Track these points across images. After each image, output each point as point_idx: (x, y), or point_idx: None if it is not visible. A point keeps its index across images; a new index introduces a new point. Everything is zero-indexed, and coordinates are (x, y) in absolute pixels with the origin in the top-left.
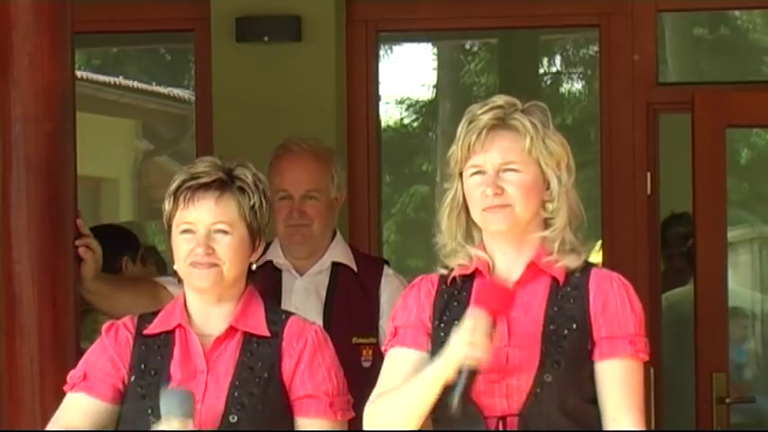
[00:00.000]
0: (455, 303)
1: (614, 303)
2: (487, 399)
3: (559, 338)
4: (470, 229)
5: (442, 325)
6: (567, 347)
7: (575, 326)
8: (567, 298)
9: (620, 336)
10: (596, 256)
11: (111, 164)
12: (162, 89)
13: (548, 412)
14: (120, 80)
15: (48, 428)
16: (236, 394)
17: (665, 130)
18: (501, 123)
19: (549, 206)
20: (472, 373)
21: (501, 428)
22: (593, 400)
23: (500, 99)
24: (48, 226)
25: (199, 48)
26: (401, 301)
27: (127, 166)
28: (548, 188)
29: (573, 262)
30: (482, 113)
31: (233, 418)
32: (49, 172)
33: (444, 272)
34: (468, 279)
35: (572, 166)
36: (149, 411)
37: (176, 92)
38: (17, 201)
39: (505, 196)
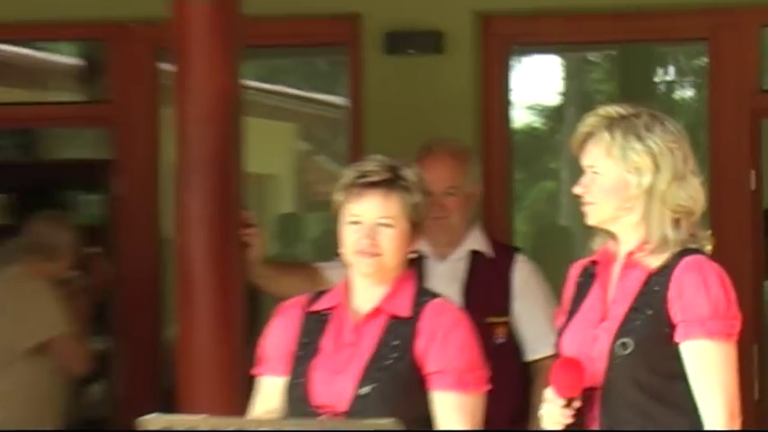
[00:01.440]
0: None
1: (690, 289)
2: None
3: (634, 322)
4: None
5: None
6: (640, 330)
7: (650, 311)
8: (654, 285)
9: (693, 319)
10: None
11: (273, 162)
12: (318, 96)
13: (622, 386)
14: (282, 88)
15: (249, 412)
16: (370, 368)
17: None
18: (590, 133)
19: (628, 204)
20: None
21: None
22: (677, 376)
23: (604, 110)
24: (218, 217)
25: (352, 59)
26: None
27: (287, 164)
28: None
29: (660, 254)
30: (581, 124)
31: (364, 390)
32: (219, 168)
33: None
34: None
35: (663, 169)
36: (299, 380)
37: (331, 98)
38: (191, 194)
39: (587, 194)
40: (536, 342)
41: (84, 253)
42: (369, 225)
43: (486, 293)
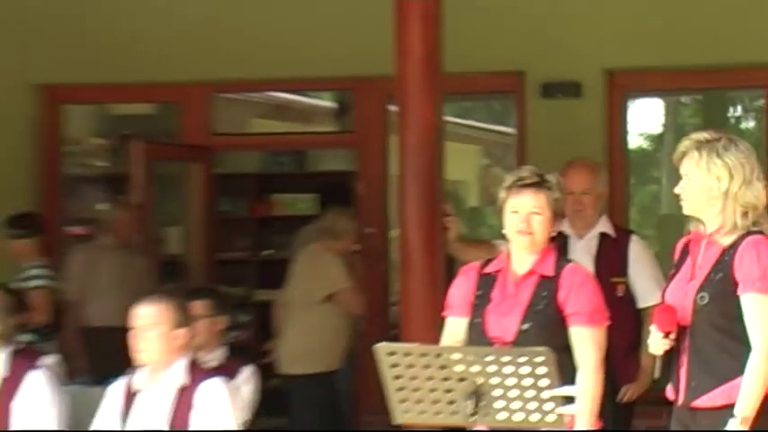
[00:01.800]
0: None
1: (746, 257)
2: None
3: (711, 282)
4: None
5: None
6: (714, 287)
7: (721, 274)
8: (725, 256)
9: (747, 279)
10: None
11: (464, 172)
12: (495, 127)
13: (703, 325)
14: (470, 122)
15: (441, 344)
16: (528, 311)
17: None
18: (685, 152)
19: (711, 202)
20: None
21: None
22: (740, 319)
23: (695, 135)
24: (427, 210)
25: (518, 102)
26: None
27: (473, 173)
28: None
29: (731, 235)
30: (679, 145)
31: (525, 326)
32: (428, 177)
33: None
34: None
35: (735, 177)
36: (477, 320)
37: (504, 129)
38: (410, 195)
39: (683, 194)
40: (644, 295)
41: (363, 232)
42: (524, 214)
43: (611, 262)
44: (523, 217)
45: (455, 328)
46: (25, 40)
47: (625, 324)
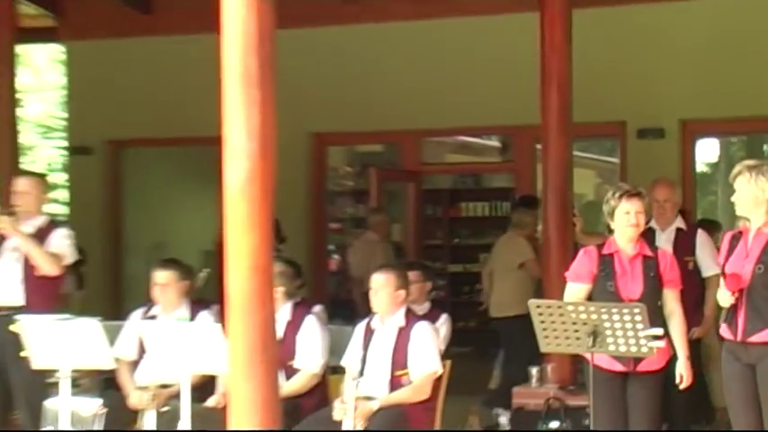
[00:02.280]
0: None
1: None
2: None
3: (763, 257)
4: None
5: None
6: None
7: None
8: None
9: None
10: None
11: (584, 188)
12: (605, 158)
13: (758, 288)
14: (588, 155)
15: (565, 300)
16: (647, 280)
17: None
18: (739, 172)
19: (758, 207)
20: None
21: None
22: None
23: (746, 162)
24: (562, 213)
25: (621, 142)
26: None
27: (591, 189)
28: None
29: None
30: (735, 168)
31: (647, 289)
32: (562, 191)
33: None
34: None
35: None
36: (608, 287)
37: (611, 159)
38: (550, 203)
39: (737, 201)
40: (707, 269)
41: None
42: (633, 213)
43: (684, 247)
44: (633, 216)
45: (577, 289)
46: (304, 100)
47: (694, 288)
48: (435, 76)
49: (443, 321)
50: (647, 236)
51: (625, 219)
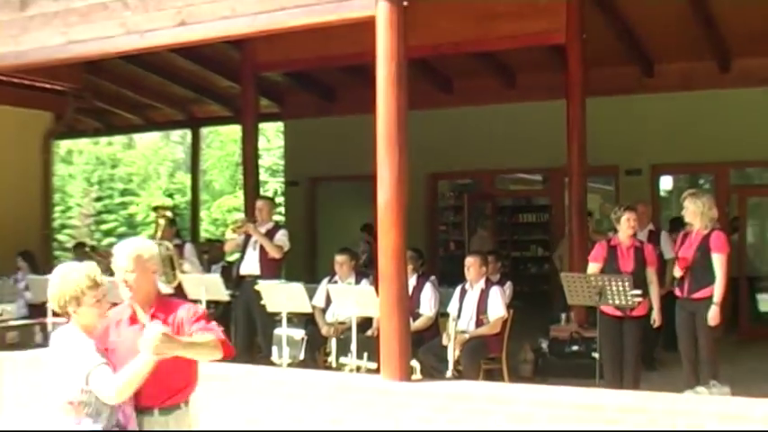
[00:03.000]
0: None
1: (712, 238)
2: None
3: (701, 247)
4: None
5: None
6: (703, 249)
7: (704, 244)
8: (705, 238)
9: (714, 247)
10: None
11: (593, 206)
12: (606, 186)
13: (697, 264)
14: (597, 185)
15: (588, 272)
16: (637, 260)
17: None
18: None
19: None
20: None
21: None
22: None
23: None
24: (582, 222)
25: (615, 177)
26: None
27: (596, 206)
28: None
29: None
30: None
31: (637, 267)
32: (581, 209)
33: None
34: None
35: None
36: (613, 266)
37: (609, 187)
38: (575, 217)
39: None
40: (666, 253)
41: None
42: (631, 220)
43: (653, 241)
44: (632, 221)
45: (594, 267)
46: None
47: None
48: (502, 137)
49: (508, 286)
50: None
51: (626, 224)
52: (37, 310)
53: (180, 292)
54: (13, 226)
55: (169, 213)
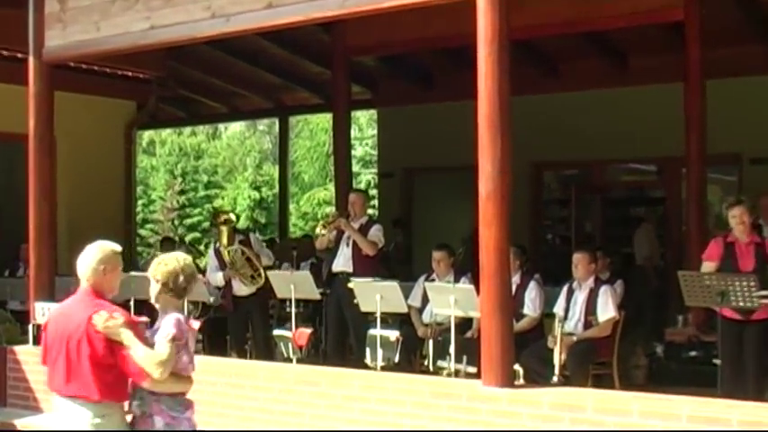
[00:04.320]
0: None
1: None
2: None
3: None
4: None
5: None
6: None
7: None
8: None
9: None
10: None
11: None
12: (727, 177)
13: None
14: (715, 175)
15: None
16: (758, 258)
17: None
18: None
19: None
20: None
21: None
22: None
23: None
24: (700, 215)
25: (740, 166)
26: None
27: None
28: None
29: None
30: None
31: (758, 266)
32: (700, 201)
33: None
34: None
35: None
36: (730, 264)
37: (730, 178)
38: (691, 208)
39: None
40: None
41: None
42: (738, 216)
43: None
44: (738, 217)
45: (709, 265)
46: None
47: None
48: (613, 124)
49: (619, 284)
50: (757, 228)
51: (733, 221)
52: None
53: (266, 292)
54: (94, 220)
55: (232, 216)
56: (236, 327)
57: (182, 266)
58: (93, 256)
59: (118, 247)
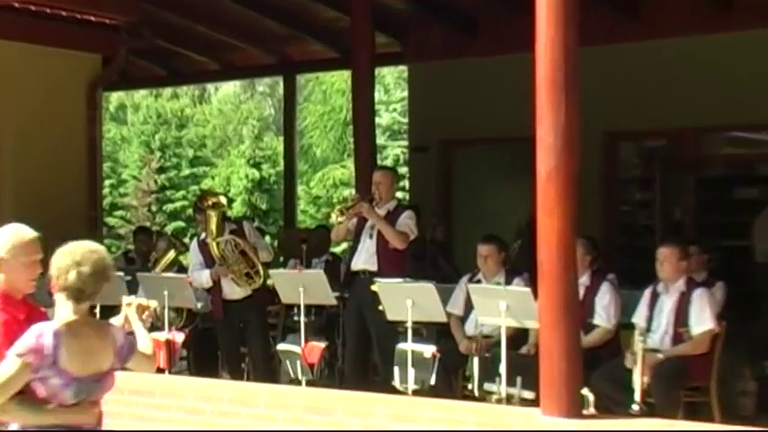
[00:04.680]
0: None
1: None
2: None
3: None
4: None
5: None
6: None
7: None
8: None
9: None
10: None
11: None
12: None
13: None
14: None
15: None
16: None
17: None
18: None
19: None
20: None
21: None
22: None
23: None
24: None
25: None
26: None
27: None
28: None
29: None
30: None
31: None
32: None
33: None
34: None
35: None
36: None
37: None
38: None
39: None
40: None
41: None
42: None
43: None
44: None
45: None
46: (599, 105)
47: None
48: (711, 81)
49: (719, 287)
50: None
51: None
52: None
53: (265, 294)
54: (48, 206)
55: (222, 199)
56: (227, 340)
57: (77, 260)
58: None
59: (33, 233)
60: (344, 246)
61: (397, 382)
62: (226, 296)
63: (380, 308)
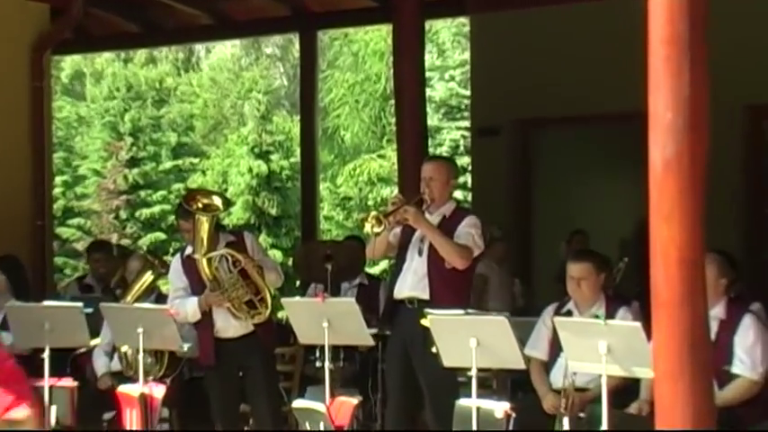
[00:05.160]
0: None
1: None
2: None
3: None
4: None
5: None
6: None
7: None
8: None
9: None
10: None
11: None
12: None
13: None
14: None
15: None
16: None
17: None
18: None
19: None
20: None
21: None
22: None
23: None
24: None
25: None
26: None
27: None
28: None
29: None
30: None
31: None
32: None
33: None
34: None
35: None
36: None
37: None
38: None
39: None
40: None
41: None
42: None
43: None
44: None
45: None
46: (738, 68)
47: None
48: None
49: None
50: None
51: None
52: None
53: (270, 330)
54: None
55: (216, 200)
56: (221, 394)
57: None
58: None
59: None
60: (384, 265)
61: None
62: (219, 333)
63: (434, 350)
